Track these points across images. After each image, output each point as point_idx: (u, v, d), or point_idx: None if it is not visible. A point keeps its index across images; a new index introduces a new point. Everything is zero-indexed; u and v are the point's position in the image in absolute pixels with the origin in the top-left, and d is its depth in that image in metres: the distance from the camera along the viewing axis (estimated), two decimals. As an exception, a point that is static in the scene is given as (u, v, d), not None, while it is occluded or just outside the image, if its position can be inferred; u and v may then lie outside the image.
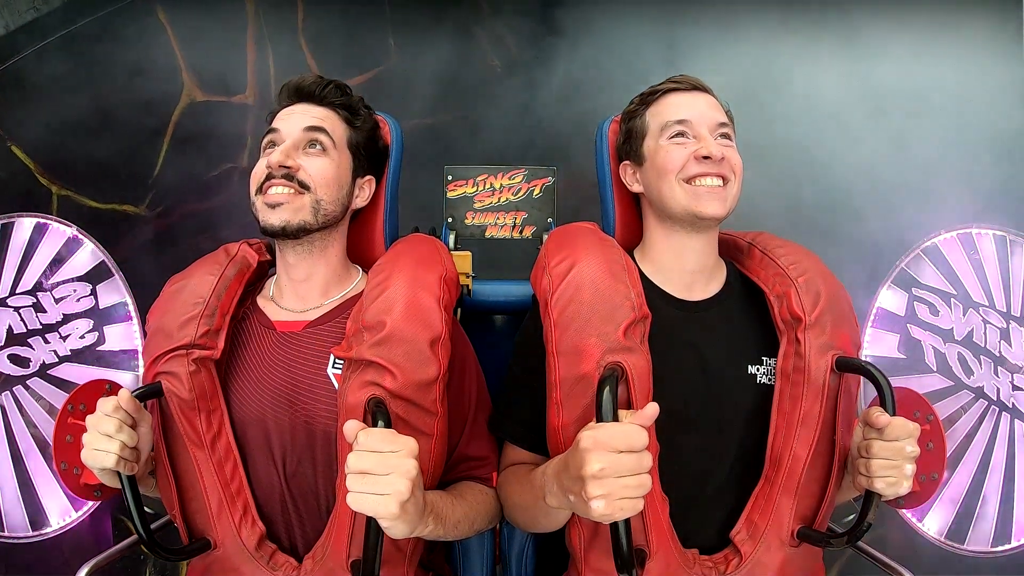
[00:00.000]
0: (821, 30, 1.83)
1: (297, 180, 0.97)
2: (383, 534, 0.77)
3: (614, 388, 0.80)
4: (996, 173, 1.78)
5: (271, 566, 0.92)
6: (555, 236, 1.05)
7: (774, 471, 0.94)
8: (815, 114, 1.82)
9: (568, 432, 0.90)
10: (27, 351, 1.33)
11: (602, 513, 0.72)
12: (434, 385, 0.91)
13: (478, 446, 1.02)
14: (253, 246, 1.09)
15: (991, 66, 1.77)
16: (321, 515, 0.95)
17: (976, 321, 1.33)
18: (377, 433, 0.75)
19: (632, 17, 1.81)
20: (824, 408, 0.92)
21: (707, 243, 1.02)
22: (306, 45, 1.82)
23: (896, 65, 1.81)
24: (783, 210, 1.79)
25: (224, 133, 1.80)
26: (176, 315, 0.97)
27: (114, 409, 0.85)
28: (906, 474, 0.83)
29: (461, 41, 1.83)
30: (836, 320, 0.95)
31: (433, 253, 1.03)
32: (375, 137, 1.11)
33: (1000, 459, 1.31)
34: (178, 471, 0.95)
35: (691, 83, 1.04)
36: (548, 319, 0.95)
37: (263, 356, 1.00)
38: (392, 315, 0.91)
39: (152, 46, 1.78)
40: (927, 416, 1.06)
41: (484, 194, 1.42)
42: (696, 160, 0.96)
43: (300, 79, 1.04)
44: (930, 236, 1.36)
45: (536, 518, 0.94)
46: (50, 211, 1.68)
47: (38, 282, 1.35)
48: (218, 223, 1.79)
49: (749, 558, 0.92)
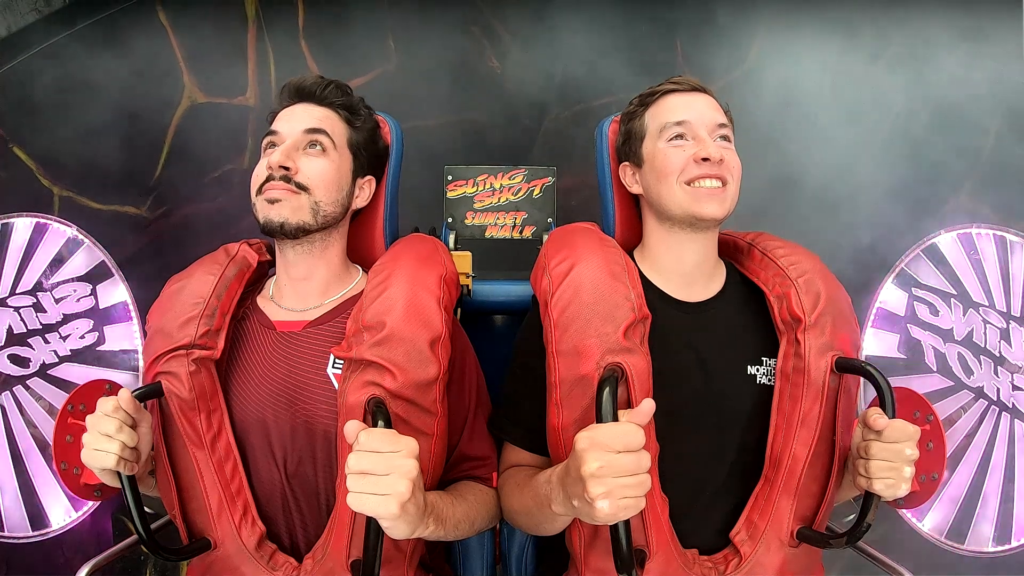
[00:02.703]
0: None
1: (296, 182, 0.97)
2: (383, 534, 0.78)
3: (614, 389, 0.81)
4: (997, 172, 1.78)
5: (271, 566, 0.92)
6: (555, 236, 1.05)
7: (774, 471, 0.94)
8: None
9: (568, 433, 0.90)
10: (27, 351, 1.33)
11: (607, 513, 0.71)
12: (434, 385, 0.91)
13: (478, 446, 1.02)
14: (253, 246, 1.09)
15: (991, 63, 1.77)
16: (321, 515, 0.95)
17: (976, 321, 1.33)
18: (378, 434, 0.75)
19: (633, 17, 1.81)
20: (824, 408, 0.92)
21: (707, 244, 1.02)
22: (306, 46, 1.82)
23: (895, 63, 1.81)
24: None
25: (225, 135, 1.80)
26: (176, 315, 0.97)
27: (114, 409, 0.85)
28: (905, 476, 0.83)
29: (461, 41, 1.83)
30: (836, 321, 0.95)
31: (433, 253, 1.04)
32: (375, 137, 1.11)
33: (1000, 459, 1.31)
34: (178, 471, 0.95)
35: (690, 84, 1.04)
36: (548, 319, 0.95)
37: (263, 356, 1.00)
38: (392, 315, 0.92)
39: (153, 48, 1.78)
40: (927, 416, 1.06)
41: (484, 194, 1.42)
42: (695, 162, 0.96)
43: (301, 79, 1.05)
44: (930, 236, 1.36)
45: (539, 523, 0.94)
46: (52, 212, 1.67)
47: (38, 282, 1.35)
48: (218, 224, 1.80)
49: (749, 558, 0.92)
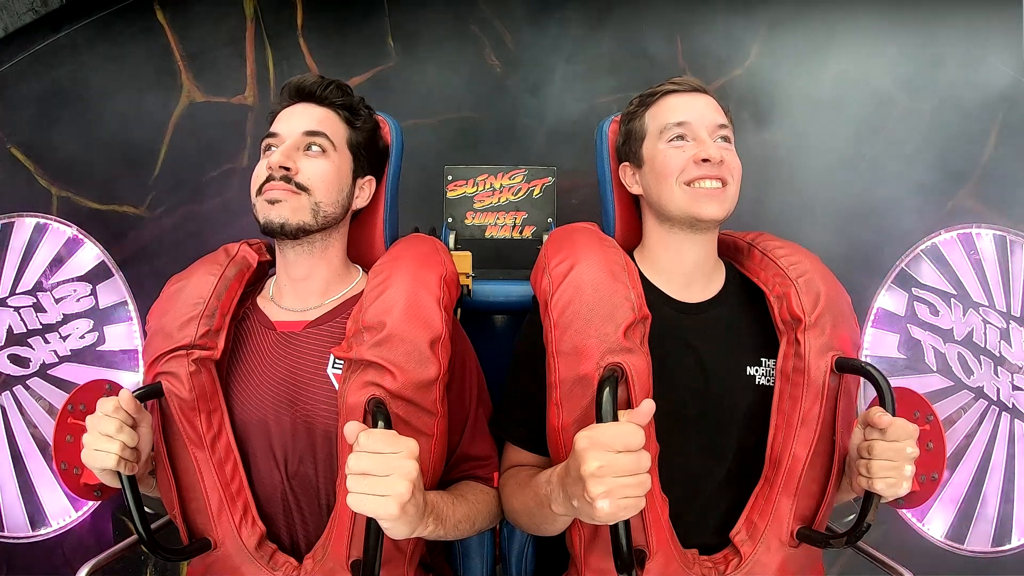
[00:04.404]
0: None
1: (296, 183, 0.97)
2: (383, 534, 0.77)
3: (614, 389, 0.81)
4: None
5: (271, 566, 0.92)
6: (555, 236, 1.05)
7: (774, 471, 0.94)
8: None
9: (568, 433, 0.90)
10: (27, 351, 1.33)
11: (607, 512, 0.71)
12: (434, 385, 0.91)
13: (479, 446, 1.02)
14: (253, 246, 1.09)
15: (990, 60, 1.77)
16: (322, 515, 0.95)
17: (976, 321, 1.33)
18: (378, 434, 0.75)
19: (633, 16, 1.81)
20: (824, 409, 0.92)
21: (706, 244, 1.02)
22: (306, 45, 1.82)
23: (895, 63, 1.80)
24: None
25: (223, 134, 1.80)
26: (176, 315, 0.97)
27: (114, 409, 0.85)
28: (905, 475, 0.83)
29: (461, 41, 1.83)
30: (836, 321, 0.95)
31: (433, 253, 1.03)
32: (375, 137, 1.11)
33: (1000, 459, 1.31)
34: (178, 471, 0.95)
35: (691, 84, 1.03)
36: (548, 320, 0.95)
37: (263, 356, 1.00)
38: (392, 315, 0.92)
39: (151, 47, 1.78)
40: (927, 416, 1.06)
41: (484, 194, 1.42)
42: (695, 163, 0.96)
43: (301, 79, 1.04)
44: (930, 236, 1.36)
45: (539, 524, 0.93)
46: (50, 213, 1.67)
47: (38, 282, 1.35)
48: (218, 224, 1.79)
49: (749, 558, 0.92)
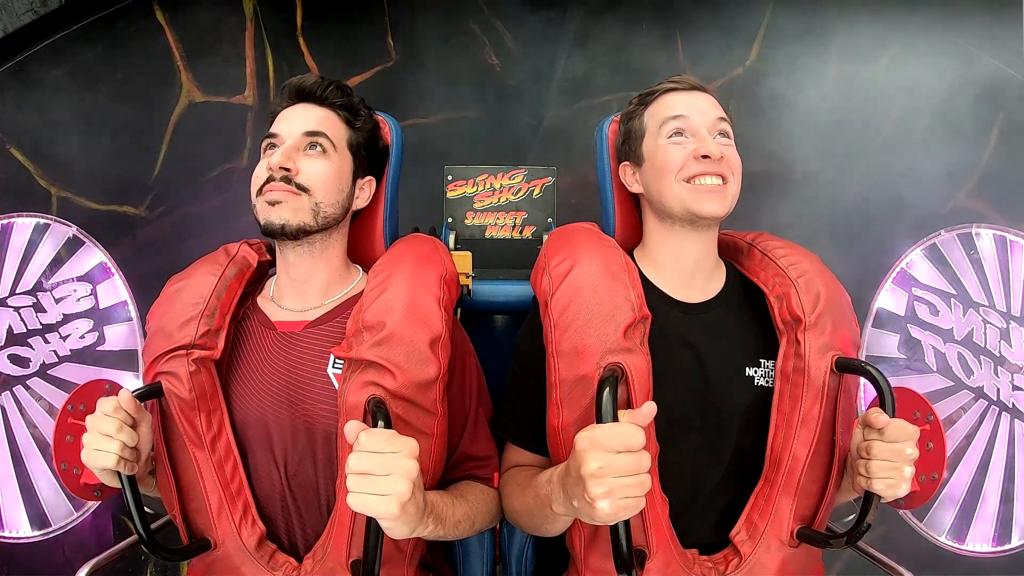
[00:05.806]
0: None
1: (296, 183, 0.97)
2: (383, 534, 0.77)
3: (614, 389, 0.80)
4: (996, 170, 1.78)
5: (271, 566, 0.92)
6: (555, 236, 1.05)
7: (774, 471, 0.94)
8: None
9: (568, 433, 0.90)
10: (27, 351, 1.33)
11: (607, 513, 0.71)
12: (434, 385, 0.91)
13: (479, 446, 1.02)
14: (253, 246, 1.09)
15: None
16: (322, 515, 0.95)
17: (976, 321, 1.33)
18: (378, 434, 0.75)
19: (634, 16, 1.81)
20: (824, 409, 0.92)
21: (707, 243, 1.02)
22: (305, 45, 1.82)
23: (896, 63, 1.80)
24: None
25: (223, 134, 1.80)
26: (176, 315, 0.97)
27: (114, 409, 0.85)
28: (905, 476, 0.83)
29: (461, 40, 1.83)
30: (836, 321, 0.95)
31: (433, 253, 1.03)
32: (375, 138, 1.11)
33: (1000, 459, 1.31)
34: (178, 471, 0.95)
35: (689, 83, 1.03)
36: (548, 320, 0.95)
37: (263, 356, 1.00)
38: (392, 315, 0.92)
39: (151, 47, 1.78)
40: (927, 416, 1.06)
41: (484, 194, 1.42)
42: (695, 159, 0.96)
43: (301, 79, 1.04)
44: (930, 236, 1.36)
45: (540, 524, 0.93)
46: (50, 213, 1.67)
47: (38, 282, 1.35)
48: (218, 224, 1.79)
49: (749, 558, 0.92)
